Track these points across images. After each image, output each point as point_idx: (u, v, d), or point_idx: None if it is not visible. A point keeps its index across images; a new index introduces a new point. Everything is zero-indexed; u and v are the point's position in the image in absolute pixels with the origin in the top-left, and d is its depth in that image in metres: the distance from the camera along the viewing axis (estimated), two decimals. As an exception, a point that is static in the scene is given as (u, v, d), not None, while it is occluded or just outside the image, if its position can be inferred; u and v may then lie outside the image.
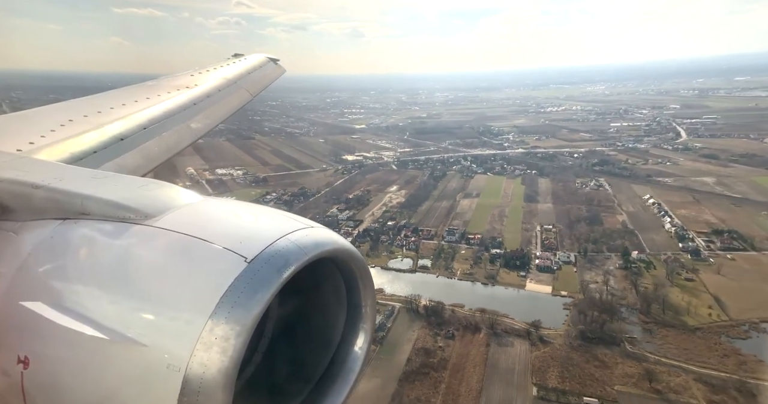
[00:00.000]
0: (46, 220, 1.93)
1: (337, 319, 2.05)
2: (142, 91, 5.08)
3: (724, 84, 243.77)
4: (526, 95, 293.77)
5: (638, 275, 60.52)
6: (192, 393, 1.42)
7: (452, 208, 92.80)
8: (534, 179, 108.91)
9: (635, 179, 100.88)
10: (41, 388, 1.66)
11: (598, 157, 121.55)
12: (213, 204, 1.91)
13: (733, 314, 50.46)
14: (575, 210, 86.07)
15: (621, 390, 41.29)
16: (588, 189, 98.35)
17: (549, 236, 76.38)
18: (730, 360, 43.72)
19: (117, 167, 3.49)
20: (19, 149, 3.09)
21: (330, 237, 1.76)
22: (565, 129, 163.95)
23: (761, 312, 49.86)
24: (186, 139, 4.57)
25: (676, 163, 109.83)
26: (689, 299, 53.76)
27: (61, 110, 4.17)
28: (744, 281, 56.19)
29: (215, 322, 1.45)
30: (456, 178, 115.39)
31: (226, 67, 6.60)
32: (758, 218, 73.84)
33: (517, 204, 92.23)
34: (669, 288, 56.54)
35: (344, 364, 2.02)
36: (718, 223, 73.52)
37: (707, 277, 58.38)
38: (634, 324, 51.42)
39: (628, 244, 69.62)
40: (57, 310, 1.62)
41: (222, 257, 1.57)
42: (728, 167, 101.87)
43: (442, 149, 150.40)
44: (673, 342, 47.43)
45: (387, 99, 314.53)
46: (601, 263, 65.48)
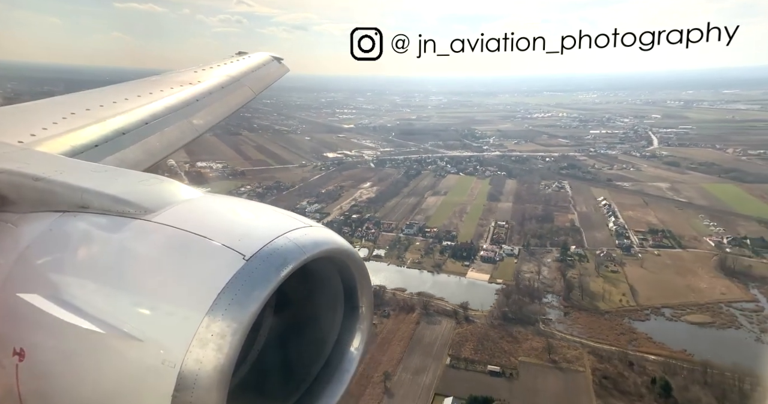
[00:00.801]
0: (45, 212, 1.95)
1: (334, 319, 2.08)
2: (145, 86, 5.17)
3: (712, 96, 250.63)
4: (519, 101, 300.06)
5: (571, 267, 66.81)
6: (186, 390, 1.44)
7: (418, 204, 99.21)
8: (502, 180, 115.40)
9: (596, 183, 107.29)
10: (36, 381, 1.69)
11: (568, 161, 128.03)
12: (213, 201, 1.97)
13: (641, 300, 56.78)
14: (531, 209, 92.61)
15: (523, 360, 47.56)
16: (549, 190, 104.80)
17: (500, 231, 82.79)
18: (624, 337, 50.08)
19: (118, 161, 3.54)
20: (21, 141, 3.12)
21: (329, 237, 1.80)
22: (546, 135, 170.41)
23: (665, 299, 56.23)
24: (187, 135, 4.62)
25: (639, 169, 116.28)
26: (608, 288, 60.08)
27: (63, 103, 4.24)
28: (660, 274, 62.59)
29: (212, 319, 1.46)
30: (429, 177, 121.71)
31: (229, 64, 6.73)
32: (695, 220, 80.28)
33: (479, 202, 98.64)
34: (594, 278, 62.87)
35: (340, 364, 2.05)
36: (657, 223, 79.88)
37: (630, 269, 64.70)
38: (554, 307, 57.71)
39: (571, 240, 76.00)
40: (53, 303, 1.63)
41: (220, 254, 1.59)
42: (685, 173, 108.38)
43: (422, 149, 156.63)
44: (582, 323, 53.72)
45: (381, 101, 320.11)
46: (541, 256, 71.87)
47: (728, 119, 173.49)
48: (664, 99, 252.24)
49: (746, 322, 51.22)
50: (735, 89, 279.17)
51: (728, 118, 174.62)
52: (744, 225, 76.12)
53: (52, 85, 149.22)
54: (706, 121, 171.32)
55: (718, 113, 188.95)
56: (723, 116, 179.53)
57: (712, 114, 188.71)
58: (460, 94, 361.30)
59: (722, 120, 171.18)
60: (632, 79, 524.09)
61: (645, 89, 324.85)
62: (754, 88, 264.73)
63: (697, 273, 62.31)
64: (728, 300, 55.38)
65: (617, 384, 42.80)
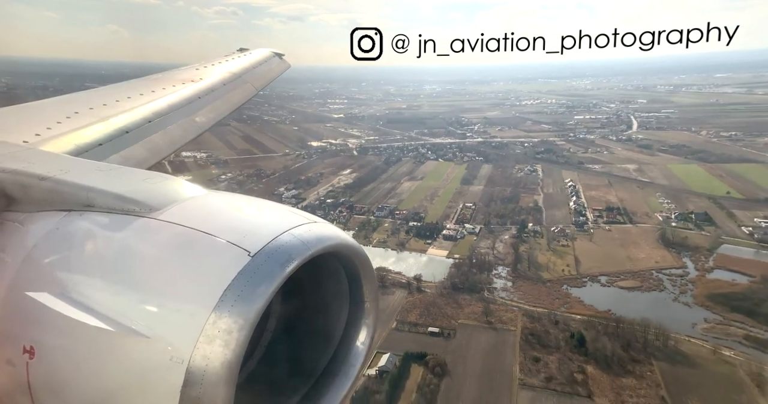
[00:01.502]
0: (51, 211, 2.00)
1: (340, 314, 2.12)
2: (147, 84, 5.26)
3: (702, 81, 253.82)
4: (512, 89, 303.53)
5: (525, 242, 72.04)
6: (195, 386, 1.47)
7: (393, 189, 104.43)
8: (478, 165, 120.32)
9: (568, 166, 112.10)
10: (46, 378, 1.73)
11: (546, 146, 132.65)
12: (217, 198, 2.00)
13: (582, 270, 62.12)
14: (500, 191, 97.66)
15: (462, 322, 53.11)
16: (521, 174, 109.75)
17: (466, 212, 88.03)
18: (559, 301, 55.52)
19: (122, 159, 3.60)
20: (26, 141, 3.17)
21: (333, 232, 1.82)
22: (530, 121, 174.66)
23: (604, 268, 61.56)
24: (190, 132, 4.72)
25: (612, 152, 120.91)
26: (554, 260, 65.41)
27: (67, 102, 4.37)
28: (606, 247, 67.84)
29: (218, 315, 1.49)
30: (408, 163, 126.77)
31: (231, 61, 6.80)
32: (652, 198, 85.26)
33: (452, 186, 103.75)
34: (544, 252, 68.21)
35: (346, 359, 2.09)
36: (616, 202, 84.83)
37: (580, 244, 69.94)
38: (502, 277, 63.11)
39: (531, 218, 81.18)
40: (62, 301, 1.67)
41: (225, 250, 1.61)
42: (655, 156, 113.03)
43: (407, 137, 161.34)
44: (523, 290, 59.15)
45: (375, 91, 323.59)
46: (500, 234, 77.10)
47: (712, 102, 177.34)
48: (655, 84, 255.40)
49: (669, 285, 56.51)
50: (727, 73, 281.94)
51: (712, 101, 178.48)
52: (695, 202, 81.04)
53: (47, 79, 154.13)
54: (689, 105, 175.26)
55: (704, 97, 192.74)
56: (707, 100, 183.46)
57: (698, 98, 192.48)
58: (454, 83, 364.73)
59: (706, 104, 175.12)
60: (628, 64, 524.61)
61: (638, 75, 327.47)
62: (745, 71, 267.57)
63: (639, 245, 67.53)
64: (660, 268, 60.63)
65: (541, 339, 48.27)
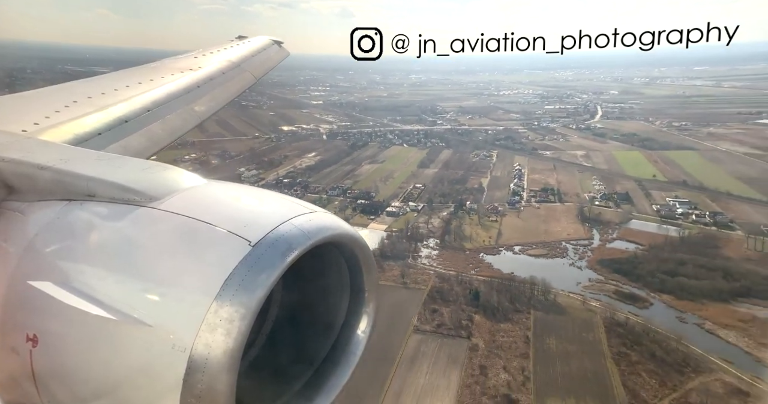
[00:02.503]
0: (51, 201, 2.04)
1: (340, 303, 2.19)
2: (145, 73, 5.34)
3: (680, 73, 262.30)
4: (495, 79, 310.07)
5: (460, 218, 79.66)
6: (197, 374, 1.52)
7: (352, 171, 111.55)
8: (439, 150, 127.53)
9: (522, 152, 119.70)
10: (49, 366, 1.78)
11: (508, 134, 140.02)
12: (217, 187, 2.05)
13: (501, 241, 69.85)
14: (452, 174, 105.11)
15: (380, 283, 60.78)
16: (477, 159, 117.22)
17: (414, 192, 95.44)
18: (471, 266, 63.22)
19: (121, 149, 3.66)
20: (24, 130, 3.22)
21: (334, 222, 1.88)
22: (501, 110, 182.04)
23: (520, 240, 69.37)
24: (190, 122, 4.78)
25: (567, 140, 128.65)
26: (480, 233, 73.08)
27: (65, 91, 4.43)
28: (529, 222, 75.62)
29: (220, 304, 1.53)
30: (373, 148, 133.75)
31: (229, 49, 6.92)
32: (587, 181, 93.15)
33: (409, 169, 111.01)
34: (473, 226, 75.82)
35: (346, 348, 2.16)
36: (554, 184, 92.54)
37: (507, 219, 77.66)
38: (429, 247, 70.69)
39: (471, 198, 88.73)
40: (63, 290, 1.72)
41: (226, 240, 1.65)
42: (605, 143, 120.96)
43: (378, 124, 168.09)
44: (444, 257, 66.76)
45: (360, 79, 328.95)
46: (439, 211, 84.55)
47: (678, 94, 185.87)
48: (632, 76, 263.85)
49: (572, 253, 64.30)
50: (705, 66, 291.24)
51: (679, 93, 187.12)
52: (623, 184, 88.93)
53: (24, 62, 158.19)
54: (657, 96, 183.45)
55: (673, 89, 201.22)
56: (675, 92, 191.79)
57: (668, 90, 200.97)
58: (440, 73, 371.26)
59: (672, 95, 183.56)
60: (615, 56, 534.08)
61: (621, 67, 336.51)
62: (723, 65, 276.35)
63: (559, 221, 75.37)
64: (570, 239, 68.42)
65: (444, 295, 55.85)
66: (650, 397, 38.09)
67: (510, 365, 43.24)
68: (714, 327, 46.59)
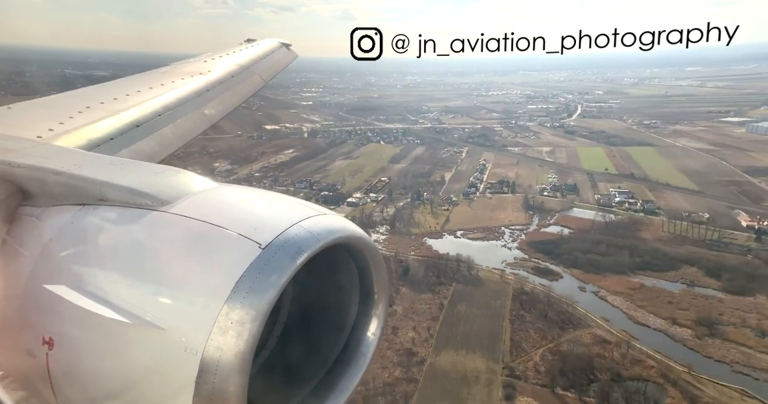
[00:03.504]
0: (66, 205, 2.11)
1: (350, 305, 2.21)
2: (155, 77, 5.49)
3: (671, 74, 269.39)
4: (488, 80, 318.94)
5: (415, 207, 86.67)
6: (209, 376, 1.56)
7: (324, 166, 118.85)
8: (413, 147, 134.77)
9: (492, 148, 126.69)
10: (65, 369, 1.84)
11: (484, 132, 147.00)
12: (227, 191, 2.10)
13: (447, 227, 76.88)
14: (419, 168, 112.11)
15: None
16: (447, 155, 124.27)
17: (379, 184, 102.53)
18: (413, 248, 70.23)
19: (133, 153, 3.79)
20: (40, 136, 3.35)
21: (343, 224, 1.89)
22: (485, 110, 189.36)
23: (464, 225, 76.38)
24: (200, 125, 4.89)
25: (539, 137, 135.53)
26: (430, 220, 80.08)
27: (78, 97, 4.55)
28: (478, 210, 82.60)
29: (231, 307, 1.57)
30: (350, 145, 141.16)
31: (238, 52, 7.07)
32: (544, 174, 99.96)
33: (379, 164, 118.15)
34: (425, 215, 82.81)
35: (357, 349, 2.19)
36: (512, 177, 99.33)
37: (459, 208, 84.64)
38: (379, 233, 77.67)
39: (431, 189, 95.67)
40: (78, 293, 1.77)
41: (236, 243, 1.69)
42: (573, 140, 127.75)
43: (361, 123, 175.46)
44: (390, 241, 73.76)
45: (356, 81, 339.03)
46: (397, 201, 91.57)
47: (660, 94, 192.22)
48: (623, 76, 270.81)
49: (507, 237, 71.19)
50: (698, 67, 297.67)
51: (661, 93, 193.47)
52: (576, 176, 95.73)
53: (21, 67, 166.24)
54: (639, 96, 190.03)
55: (658, 89, 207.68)
56: (659, 92, 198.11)
57: (653, 90, 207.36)
58: (437, 74, 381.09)
59: (654, 95, 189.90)
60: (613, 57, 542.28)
61: (616, 67, 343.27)
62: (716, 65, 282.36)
63: (505, 209, 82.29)
64: (510, 224, 75.33)
65: (380, 271, 62.92)
66: (529, 347, 44.86)
67: (420, 326, 50.11)
68: (606, 294, 53.36)
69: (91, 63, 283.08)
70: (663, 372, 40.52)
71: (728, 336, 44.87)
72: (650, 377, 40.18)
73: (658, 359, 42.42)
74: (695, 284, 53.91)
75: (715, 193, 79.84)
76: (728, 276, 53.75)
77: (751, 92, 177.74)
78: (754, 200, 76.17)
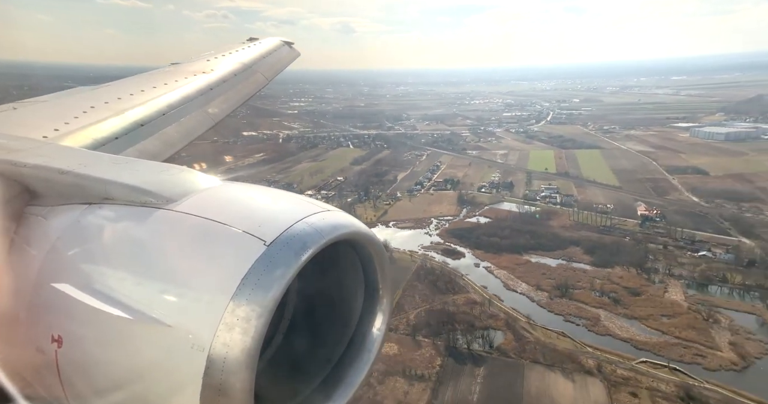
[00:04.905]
0: (72, 205, 2.17)
1: (355, 301, 2.24)
2: (159, 77, 5.61)
3: (656, 82, 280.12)
4: (477, 90, 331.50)
5: (360, 203, 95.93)
6: (216, 373, 1.60)
7: (288, 168, 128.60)
8: (378, 151, 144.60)
9: (452, 151, 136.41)
10: (73, 366, 1.90)
11: (451, 137, 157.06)
12: (232, 188, 2.12)
13: (383, 219, 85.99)
14: (377, 169, 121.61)
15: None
16: (408, 157, 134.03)
17: (333, 183, 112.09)
18: None
19: (137, 152, 3.87)
20: (45, 136, 3.46)
21: (347, 220, 1.92)
22: (461, 117, 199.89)
23: (399, 217, 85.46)
24: (204, 124, 5.02)
25: (500, 141, 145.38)
26: (369, 213, 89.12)
27: (83, 97, 4.68)
28: (416, 205, 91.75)
29: (237, 304, 1.61)
30: (320, 149, 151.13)
31: (241, 51, 7.24)
32: (490, 174, 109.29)
33: (341, 165, 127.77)
34: (367, 209, 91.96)
35: (363, 345, 2.22)
36: (459, 176, 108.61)
37: (400, 203, 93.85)
38: None
39: (380, 187, 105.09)
40: (85, 291, 1.82)
41: (241, 240, 1.72)
42: (529, 144, 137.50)
43: (338, 129, 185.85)
44: None
45: (348, 91, 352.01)
46: (346, 198, 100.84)
47: (633, 102, 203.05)
48: (606, 86, 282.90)
49: (433, 226, 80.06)
50: (683, 75, 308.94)
51: (634, 101, 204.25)
52: (517, 175, 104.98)
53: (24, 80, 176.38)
54: (612, 104, 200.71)
55: (633, 97, 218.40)
56: (632, 100, 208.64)
57: (627, 98, 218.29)
58: (428, 85, 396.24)
59: (627, 103, 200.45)
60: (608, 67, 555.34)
61: (603, 76, 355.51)
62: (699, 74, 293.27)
63: (441, 203, 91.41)
64: (439, 216, 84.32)
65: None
66: (409, 308, 53.46)
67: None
68: (495, 268, 62.01)
69: (91, 76, 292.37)
70: (509, 323, 49.18)
71: (575, 296, 53.76)
72: (497, 326, 48.82)
73: (510, 314, 51.06)
74: (572, 260, 62.78)
75: (631, 188, 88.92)
76: (599, 253, 62.75)
77: (717, 100, 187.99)
78: (660, 193, 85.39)
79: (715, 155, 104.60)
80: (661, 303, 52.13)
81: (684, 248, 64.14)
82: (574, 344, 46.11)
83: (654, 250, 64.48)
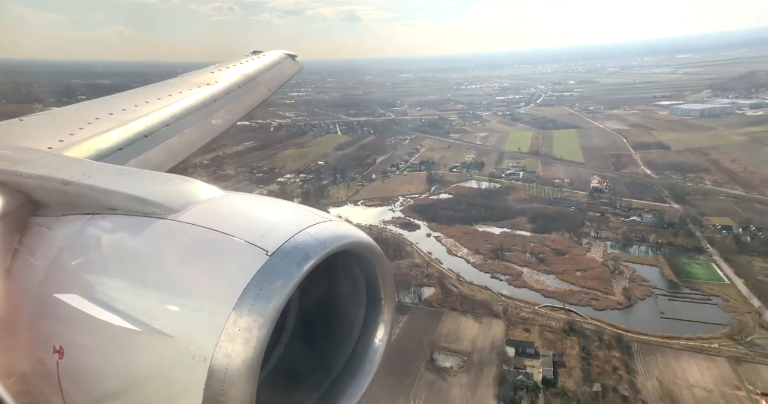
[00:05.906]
0: (76, 215, 2.21)
1: (357, 311, 2.29)
2: (164, 88, 5.82)
3: (661, 61, 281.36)
4: (479, 75, 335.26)
5: (336, 184, 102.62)
6: (217, 383, 1.62)
7: (274, 154, 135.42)
8: (364, 136, 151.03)
9: (436, 135, 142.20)
10: (75, 377, 1.92)
11: (437, 121, 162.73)
12: (234, 199, 2.18)
13: (354, 198, 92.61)
14: (359, 154, 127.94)
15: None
16: (392, 142, 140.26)
17: (314, 167, 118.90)
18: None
19: (141, 163, 3.98)
20: (50, 147, 3.55)
21: (349, 230, 1.97)
22: (453, 102, 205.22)
23: (370, 195, 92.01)
24: (207, 135, 5.16)
25: (484, 124, 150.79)
26: (342, 193, 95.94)
27: (88, 108, 4.84)
28: (388, 185, 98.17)
29: (238, 314, 1.63)
30: (308, 136, 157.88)
31: (245, 63, 7.57)
32: (465, 156, 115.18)
33: (324, 151, 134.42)
34: (340, 189, 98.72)
35: (365, 355, 2.27)
36: (437, 158, 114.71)
37: (373, 184, 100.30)
38: None
39: (358, 170, 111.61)
40: (88, 302, 1.86)
41: (244, 250, 1.76)
42: (512, 126, 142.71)
43: (330, 117, 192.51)
44: None
45: (350, 80, 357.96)
46: (324, 180, 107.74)
47: (628, 82, 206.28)
48: (607, 66, 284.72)
49: (398, 203, 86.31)
50: (688, 53, 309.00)
51: (629, 81, 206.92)
52: (490, 156, 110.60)
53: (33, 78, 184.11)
54: (606, 84, 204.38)
55: (629, 78, 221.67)
56: (627, 80, 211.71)
57: (623, 78, 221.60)
58: (432, 71, 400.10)
59: (621, 83, 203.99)
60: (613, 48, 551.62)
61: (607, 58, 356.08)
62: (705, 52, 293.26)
63: (412, 183, 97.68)
64: (407, 194, 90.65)
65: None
66: (356, 273, 60.09)
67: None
68: (443, 237, 68.31)
69: (97, 73, 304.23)
70: (440, 281, 55.74)
71: (507, 258, 60.05)
72: (430, 284, 55.47)
73: (445, 273, 57.69)
74: (516, 228, 68.90)
75: (593, 164, 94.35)
76: (541, 221, 68.85)
77: (712, 77, 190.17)
78: (618, 168, 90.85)
79: (684, 131, 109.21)
80: (580, 260, 58.99)
81: (619, 214, 70.37)
82: (492, 295, 52.92)
83: (592, 217, 71.03)
